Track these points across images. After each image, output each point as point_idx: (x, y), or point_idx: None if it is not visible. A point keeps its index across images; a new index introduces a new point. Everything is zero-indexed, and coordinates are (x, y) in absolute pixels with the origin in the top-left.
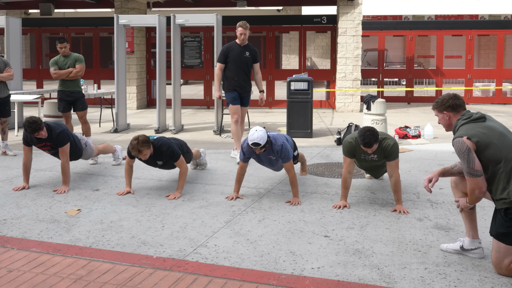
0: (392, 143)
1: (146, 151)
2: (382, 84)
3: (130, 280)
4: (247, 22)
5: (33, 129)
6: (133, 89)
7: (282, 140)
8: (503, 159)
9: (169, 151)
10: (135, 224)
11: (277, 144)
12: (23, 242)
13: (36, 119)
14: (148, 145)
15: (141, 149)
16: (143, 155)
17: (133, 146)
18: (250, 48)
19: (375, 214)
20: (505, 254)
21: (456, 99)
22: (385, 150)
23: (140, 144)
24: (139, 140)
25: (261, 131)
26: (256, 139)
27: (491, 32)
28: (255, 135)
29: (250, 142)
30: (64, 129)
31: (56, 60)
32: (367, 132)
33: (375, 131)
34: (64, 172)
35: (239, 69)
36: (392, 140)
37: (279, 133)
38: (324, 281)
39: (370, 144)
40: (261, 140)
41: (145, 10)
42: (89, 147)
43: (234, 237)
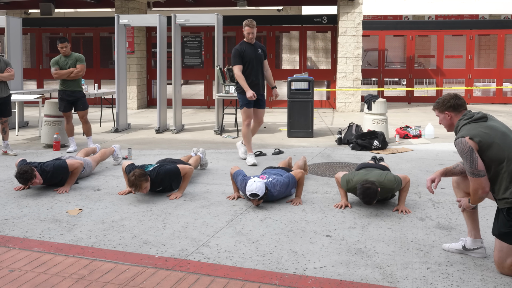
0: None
1: (145, 184)
2: (382, 84)
3: (132, 279)
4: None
5: (25, 179)
6: (134, 89)
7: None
8: (505, 158)
9: (167, 174)
10: (136, 223)
11: (276, 190)
12: (25, 241)
13: (27, 169)
14: (146, 178)
15: (140, 184)
16: (143, 189)
17: (132, 183)
18: (260, 45)
19: (376, 214)
20: (507, 253)
21: (457, 99)
22: (389, 191)
23: (137, 179)
24: (136, 176)
25: (259, 182)
26: (255, 190)
27: (491, 32)
28: (253, 186)
29: (248, 193)
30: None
31: (57, 60)
32: (366, 190)
33: (375, 188)
34: (74, 174)
35: (255, 69)
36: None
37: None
38: (326, 280)
39: (370, 203)
40: (259, 191)
41: (145, 10)
42: (87, 167)
43: (236, 237)
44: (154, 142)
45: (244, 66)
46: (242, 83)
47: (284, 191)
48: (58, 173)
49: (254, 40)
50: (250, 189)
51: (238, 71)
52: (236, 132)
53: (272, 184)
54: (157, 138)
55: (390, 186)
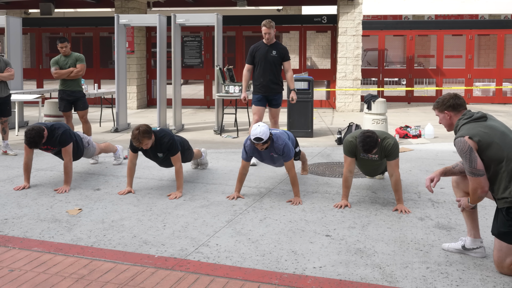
0: (392, 142)
1: (147, 141)
2: (382, 84)
3: (132, 279)
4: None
5: (36, 143)
6: (134, 89)
7: (284, 138)
8: (504, 158)
9: (169, 143)
10: (136, 223)
11: (278, 143)
12: (25, 241)
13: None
14: (149, 135)
15: (142, 140)
16: (144, 145)
17: (134, 135)
18: (278, 46)
19: (376, 214)
20: (507, 253)
21: (456, 99)
22: (386, 149)
23: (141, 134)
24: (140, 130)
25: (263, 127)
26: (259, 134)
27: (491, 32)
28: (258, 130)
29: (252, 137)
30: (66, 130)
31: (57, 59)
32: (367, 138)
33: (375, 136)
34: (67, 172)
35: (265, 69)
36: (392, 139)
37: (281, 130)
38: (326, 280)
39: (370, 150)
40: (263, 135)
41: (145, 10)
42: (91, 145)
43: (236, 237)
44: None
45: (255, 66)
46: (243, 83)
47: (282, 152)
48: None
49: (273, 40)
50: (254, 133)
51: (245, 70)
52: (236, 132)
53: (276, 135)
54: None
55: (389, 142)
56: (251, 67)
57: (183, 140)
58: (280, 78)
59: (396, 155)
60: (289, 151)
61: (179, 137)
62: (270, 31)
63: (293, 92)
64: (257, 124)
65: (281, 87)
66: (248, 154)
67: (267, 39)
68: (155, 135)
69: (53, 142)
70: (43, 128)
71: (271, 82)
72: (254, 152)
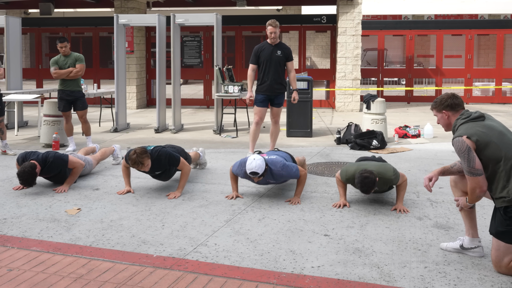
0: (392, 176)
1: (147, 161)
2: (381, 84)
3: (130, 279)
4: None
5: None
6: (133, 89)
7: (279, 161)
8: (502, 157)
9: (168, 158)
10: (135, 223)
11: (277, 168)
12: (23, 241)
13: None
14: (147, 155)
15: (142, 160)
16: (145, 166)
17: (133, 160)
18: (282, 46)
19: (375, 213)
20: (504, 252)
21: (454, 98)
22: (387, 183)
23: (139, 156)
24: (137, 153)
25: (259, 160)
26: (254, 168)
27: (490, 32)
28: (253, 164)
29: (248, 171)
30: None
31: (56, 59)
32: (365, 179)
33: (373, 177)
34: (74, 174)
35: (270, 69)
36: (389, 172)
37: (275, 151)
38: (324, 279)
39: (368, 191)
40: (259, 169)
41: (144, 10)
42: (87, 163)
43: (234, 236)
44: (153, 141)
45: (259, 66)
46: (248, 83)
47: (285, 174)
48: (58, 164)
49: (278, 40)
50: (249, 167)
51: (250, 70)
52: (235, 132)
53: (272, 161)
54: (156, 138)
55: (389, 176)
56: (256, 67)
57: (178, 149)
58: (284, 78)
59: (397, 180)
60: (290, 169)
61: (173, 146)
62: (276, 30)
63: (295, 92)
64: (252, 157)
65: (284, 87)
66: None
67: (272, 38)
68: (151, 155)
69: (49, 170)
70: (35, 165)
71: (275, 82)
72: (248, 178)
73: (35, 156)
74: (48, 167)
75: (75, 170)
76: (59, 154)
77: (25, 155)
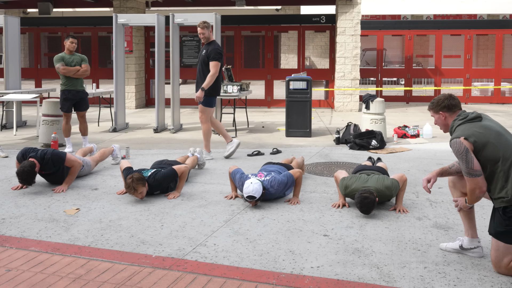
0: (391, 191)
1: (142, 188)
2: (380, 84)
3: (129, 279)
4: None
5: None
6: (132, 89)
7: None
8: (500, 158)
9: (164, 178)
10: (134, 223)
11: (274, 189)
12: (22, 241)
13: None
14: (143, 182)
15: (136, 187)
16: (138, 194)
17: (128, 185)
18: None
19: (374, 213)
20: (504, 253)
21: (451, 99)
22: (387, 196)
23: (135, 182)
24: (134, 179)
25: (256, 184)
26: (251, 192)
27: (489, 32)
28: (250, 188)
29: (245, 195)
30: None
31: (62, 56)
32: (364, 200)
33: (372, 196)
34: (72, 174)
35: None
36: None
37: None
38: (323, 280)
39: (368, 212)
40: (256, 193)
41: (143, 10)
42: (86, 165)
43: (233, 236)
44: (152, 141)
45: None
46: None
47: (281, 189)
48: (55, 161)
49: (209, 40)
50: (247, 191)
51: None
52: (234, 131)
53: (269, 182)
54: (155, 138)
55: (388, 193)
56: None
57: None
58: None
59: (397, 190)
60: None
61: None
62: (203, 31)
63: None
64: (249, 181)
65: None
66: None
67: (202, 39)
68: (149, 183)
69: (46, 167)
70: (34, 163)
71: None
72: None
73: (34, 153)
74: (46, 164)
75: (73, 169)
76: (57, 152)
77: (25, 152)
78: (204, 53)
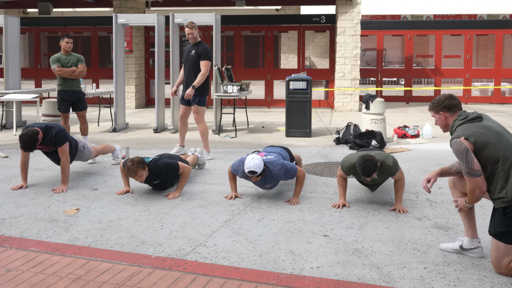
0: (391, 163)
1: (142, 172)
2: (380, 84)
3: (129, 279)
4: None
5: (30, 147)
6: (132, 89)
7: (277, 161)
8: (500, 158)
9: (166, 167)
10: (134, 223)
11: (276, 169)
12: (22, 241)
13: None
14: (143, 166)
15: (136, 170)
16: (138, 177)
17: (128, 168)
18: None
19: (374, 214)
20: (504, 253)
21: (452, 99)
22: (386, 171)
23: (135, 165)
24: (134, 162)
25: (257, 159)
26: (253, 167)
27: (489, 32)
28: (252, 163)
29: (246, 170)
30: (60, 129)
31: (58, 57)
32: (366, 162)
33: (374, 160)
34: (64, 171)
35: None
36: (390, 159)
37: (273, 148)
38: (323, 280)
39: (369, 174)
40: (257, 169)
41: (143, 10)
42: (87, 149)
43: (233, 237)
44: (152, 141)
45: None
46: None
47: (283, 173)
48: (58, 139)
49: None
50: (248, 166)
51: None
52: (234, 131)
53: (270, 161)
54: (155, 138)
55: (388, 162)
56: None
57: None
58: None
59: (397, 170)
60: (288, 169)
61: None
62: (192, 31)
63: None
64: (250, 157)
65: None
66: (238, 175)
67: (190, 39)
68: (148, 166)
69: (48, 142)
70: (38, 131)
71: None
72: (246, 178)
73: (39, 125)
74: (49, 137)
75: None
76: (63, 132)
77: (28, 126)
78: (194, 53)
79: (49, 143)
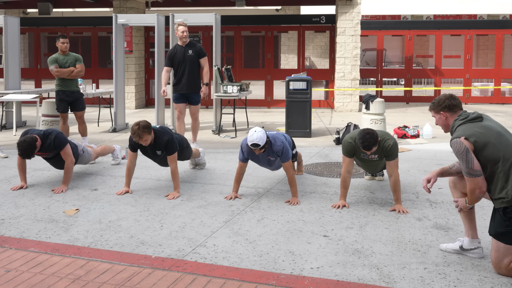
0: (392, 143)
1: (147, 136)
2: (380, 84)
3: (129, 280)
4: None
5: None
6: (132, 89)
7: (281, 139)
8: (501, 158)
9: (168, 141)
10: (133, 224)
11: (276, 144)
12: (21, 242)
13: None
14: (149, 130)
15: (142, 135)
16: (143, 140)
17: (134, 131)
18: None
19: (374, 214)
20: (504, 253)
21: (452, 99)
22: (385, 150)
23: (141, 130)
24: (140, 125)
25: (260, 132)
26: (256, 140)
27: (489, 32)
28: (254, 136)
29: (249, 143)
30: (59, 133)
31: (55, 58)
32: (366, 135)
33: (375, 133)
34: (67, 172)
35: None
36: (392, 139)
37: (278, 132)
38: (323, 281)
39: (369, 147)
40: (260, 141)
41: (143, 10)
42: (86, 152)
43: (233, 237)
44: None
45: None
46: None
47: (281, 151)
48: (57, 144)
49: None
50: (251, 139)
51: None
52: (234, 132)
53: (273, 136)
54: None
55: (389, 142)
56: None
57: (182, 138)
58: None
59: (395, 155)
60: (287, 152)
61: (178, 135)
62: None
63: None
64: (253, 129)
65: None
66: (245, 156)
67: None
68: (155, 132)
69: (47, 148)
70: (36, 137)
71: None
72: (251, 154)
73: (37, 132)
74: (48, 143)
75: (66, 166)
76: (61, 135)
77: (27, 131)
78: (191, 52)
79: (48, 149)
